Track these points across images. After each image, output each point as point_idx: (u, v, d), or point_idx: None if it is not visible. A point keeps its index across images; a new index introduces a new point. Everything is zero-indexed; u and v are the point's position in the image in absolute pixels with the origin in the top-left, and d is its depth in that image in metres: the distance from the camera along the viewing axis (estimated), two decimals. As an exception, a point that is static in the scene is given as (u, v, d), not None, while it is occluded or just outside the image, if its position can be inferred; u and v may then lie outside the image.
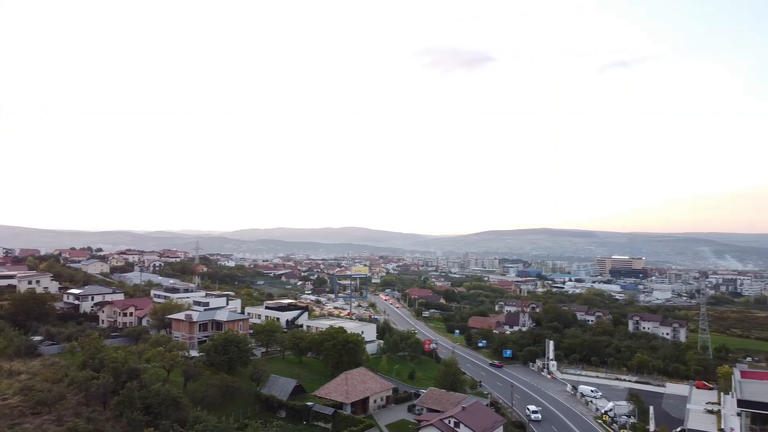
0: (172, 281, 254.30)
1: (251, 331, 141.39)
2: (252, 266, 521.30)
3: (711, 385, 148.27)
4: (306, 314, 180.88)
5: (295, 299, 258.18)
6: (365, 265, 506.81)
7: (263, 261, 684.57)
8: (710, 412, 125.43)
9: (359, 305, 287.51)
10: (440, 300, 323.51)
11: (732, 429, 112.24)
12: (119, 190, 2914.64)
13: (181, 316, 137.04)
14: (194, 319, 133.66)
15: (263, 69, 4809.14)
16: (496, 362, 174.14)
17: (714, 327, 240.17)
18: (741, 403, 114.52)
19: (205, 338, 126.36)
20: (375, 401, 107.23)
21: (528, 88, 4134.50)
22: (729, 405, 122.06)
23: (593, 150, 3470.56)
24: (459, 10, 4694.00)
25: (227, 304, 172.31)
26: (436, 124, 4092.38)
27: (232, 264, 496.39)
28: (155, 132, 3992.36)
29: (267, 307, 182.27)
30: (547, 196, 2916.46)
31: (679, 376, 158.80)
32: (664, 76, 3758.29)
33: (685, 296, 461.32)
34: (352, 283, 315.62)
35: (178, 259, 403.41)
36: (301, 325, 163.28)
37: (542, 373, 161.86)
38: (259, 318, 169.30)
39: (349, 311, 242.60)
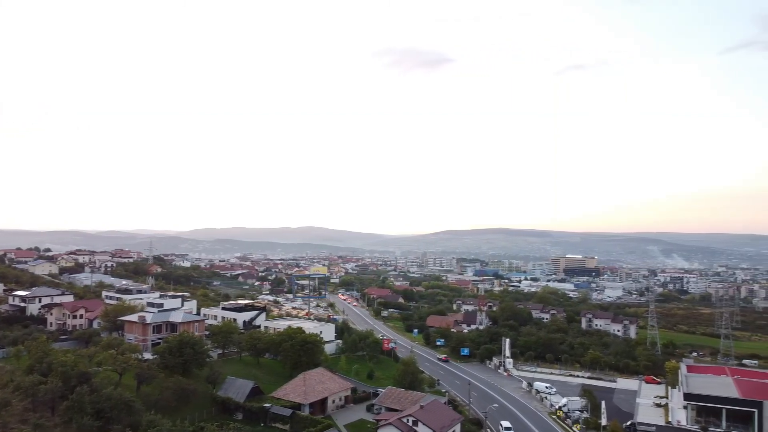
0: (124, 282, 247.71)
1: (207, 333, 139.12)
2: (208, 266, 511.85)
3: (659, 380, 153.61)
4: (264, 315, 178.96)
5: (253, 300, 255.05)
6: (324, 265, 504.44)
7: (220, 261, 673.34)
8: (658, 405, 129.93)
9: (318, 305, 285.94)
10: (399, 299, 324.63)
11: (679, 421, 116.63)
12: (69, 189, 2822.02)
13: (134, 317, 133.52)
14: (148, 321, 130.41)
15: (218, 68, 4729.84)
16: (442, 356, 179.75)
17: (662, 323, 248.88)
18: (687, 396, 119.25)
19: (159, 340, 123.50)
20: (334, 401, 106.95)
21: (485, 89, 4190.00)
22: (676, 398, 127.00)
23: (548, 152, 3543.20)
24: (419, 11, 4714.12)
25: (182, 305, 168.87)
26: (396, 124, 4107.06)
27: (187, 264, 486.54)
28: (106, 130, 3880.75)
29: (224, 308, 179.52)
30: (504, 197, 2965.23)
31: (630, 371, 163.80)
32: (618, 79, 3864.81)
33: (635, 294, 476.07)
34: (311, 283, 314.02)
35: (131, 260, 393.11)
36: (259, 326, 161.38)
37: (499, 370, 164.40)
38: (216, 319, 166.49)
39: (307, 311, 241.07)
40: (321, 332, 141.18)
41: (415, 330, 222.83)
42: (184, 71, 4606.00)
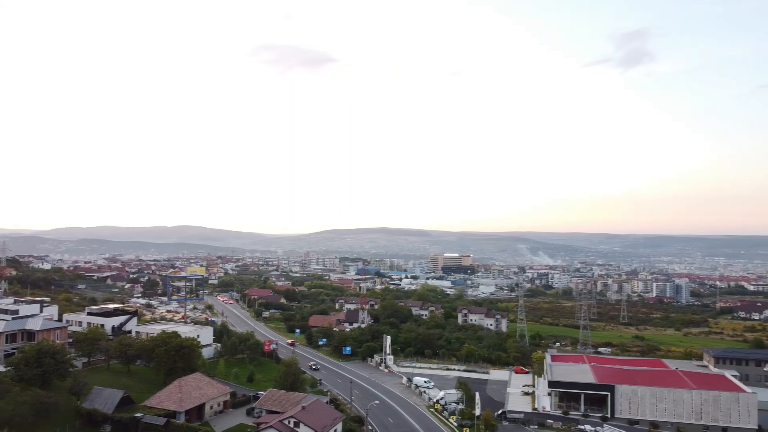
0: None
1: (71, 340, 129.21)
2: (72, 268, 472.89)
3: (527, 370, 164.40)
4: (135, 319, 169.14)
5: (123, 303, 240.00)
6: (202, 266, 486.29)
7: (85, 263, 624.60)
8: (526, 393, 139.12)
9: (195, 308, 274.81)
10: (281, 300, 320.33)
11: (544, 407, 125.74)
12: None
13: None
14: (0, 330, 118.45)
15: (89, 61, 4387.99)
16: (289, 341, 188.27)
17: (530, 317, 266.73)
18: (551, 384, 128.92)
19: (13, 350, 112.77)
20: (211, 407, 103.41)
21: (368, 89, 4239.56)
22: (542, 386, 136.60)
23: (426, 154, 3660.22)
24: (303, 9, 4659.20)
25: (41, 311, 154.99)
26: (277, 122, 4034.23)
27: (47, 266, 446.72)
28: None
29: (89, 313, 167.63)
30: (385, 197, 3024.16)
31: (501, 362, 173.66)
32: (491, 86, 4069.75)
33: (506, 290, 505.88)
34: (188, 284, 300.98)
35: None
36: (130, 331, 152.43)
37: (380, 367, 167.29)
38: (81, 325, 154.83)
39: (183, 314, 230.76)
40: (198, 336, 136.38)
41: (297, 330, 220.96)
42: (42, 63, 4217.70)
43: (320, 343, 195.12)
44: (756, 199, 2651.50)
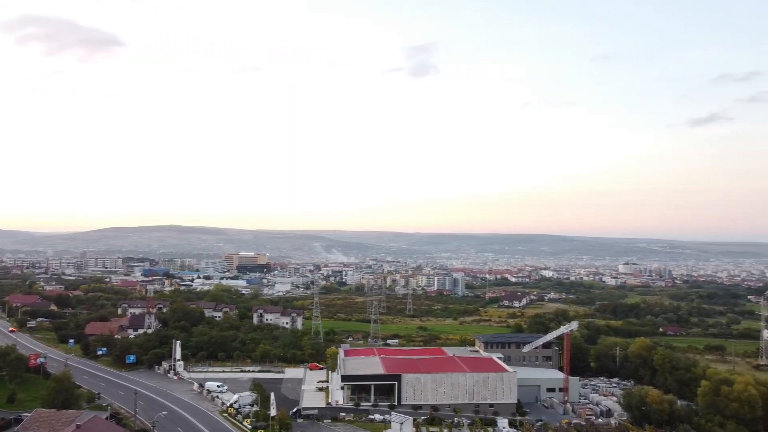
0: None
1: None
2: None
3: (322, 366, 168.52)
4: None
5: None
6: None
7: None
8: (321, 389, 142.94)
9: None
10: (51, 306, 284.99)
11: (337, 401, 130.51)
12: None
13: None
14: None
15: None
16: (11, 328, 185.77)
17: (324, 313, 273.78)
18: (344, 377, 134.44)
19: None
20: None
21: (156, 78, 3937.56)
22: (335, 381, 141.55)
23: (220, 148, 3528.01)
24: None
25: None
26: (38, 106, 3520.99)
27: None
28: None
29: None
30: (177, 192, 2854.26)
31: (297, 360, 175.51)
32: (290, 83, 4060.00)
33: (302, 287, 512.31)
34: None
35: None
36: None
37: (169, 374, 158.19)
38: None
39: None
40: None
41: (72, 340, 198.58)
42: None
43: (99, 352, 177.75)
44: (517, 201, 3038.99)
